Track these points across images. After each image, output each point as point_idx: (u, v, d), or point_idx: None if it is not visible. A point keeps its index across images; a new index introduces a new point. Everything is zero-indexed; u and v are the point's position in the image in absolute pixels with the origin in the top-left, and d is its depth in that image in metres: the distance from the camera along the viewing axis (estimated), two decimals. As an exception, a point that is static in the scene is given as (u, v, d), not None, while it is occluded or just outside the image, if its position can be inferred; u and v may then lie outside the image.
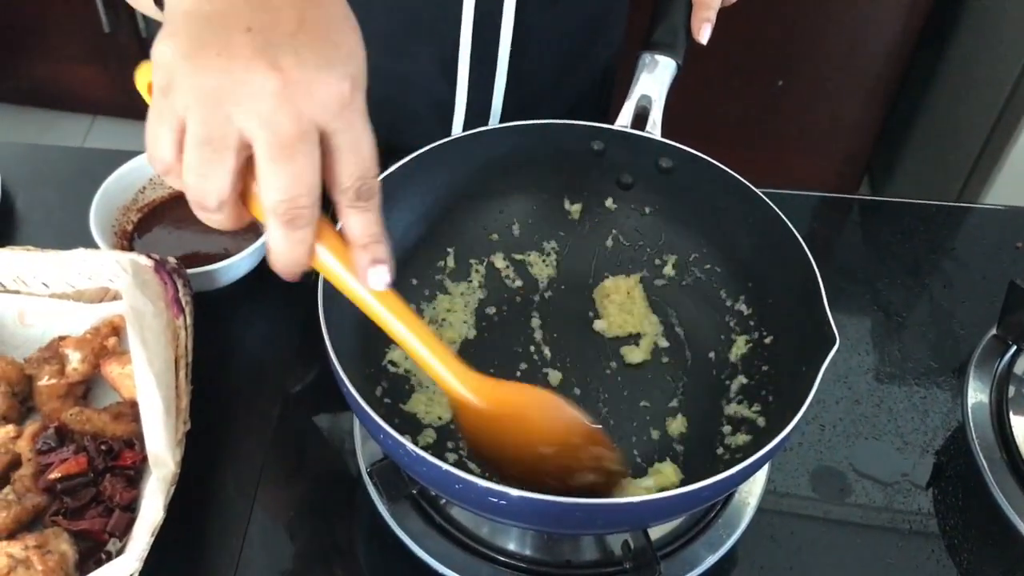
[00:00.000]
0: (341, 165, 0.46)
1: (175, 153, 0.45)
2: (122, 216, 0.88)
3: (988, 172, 1.86)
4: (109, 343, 0.77)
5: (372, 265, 0.49)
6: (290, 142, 0.44)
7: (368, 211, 0.48)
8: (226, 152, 0.44)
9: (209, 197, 0.45)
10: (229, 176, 0.45)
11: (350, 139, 0.46)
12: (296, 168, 0.44)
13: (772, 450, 0.59)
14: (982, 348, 0.86)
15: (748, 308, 0.78)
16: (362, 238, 0.49)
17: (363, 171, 0.47)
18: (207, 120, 0.44)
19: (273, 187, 0.44)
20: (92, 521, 0.67)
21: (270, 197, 0.45)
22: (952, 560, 0.73)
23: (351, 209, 0.48)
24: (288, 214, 0.45)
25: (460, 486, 0.57)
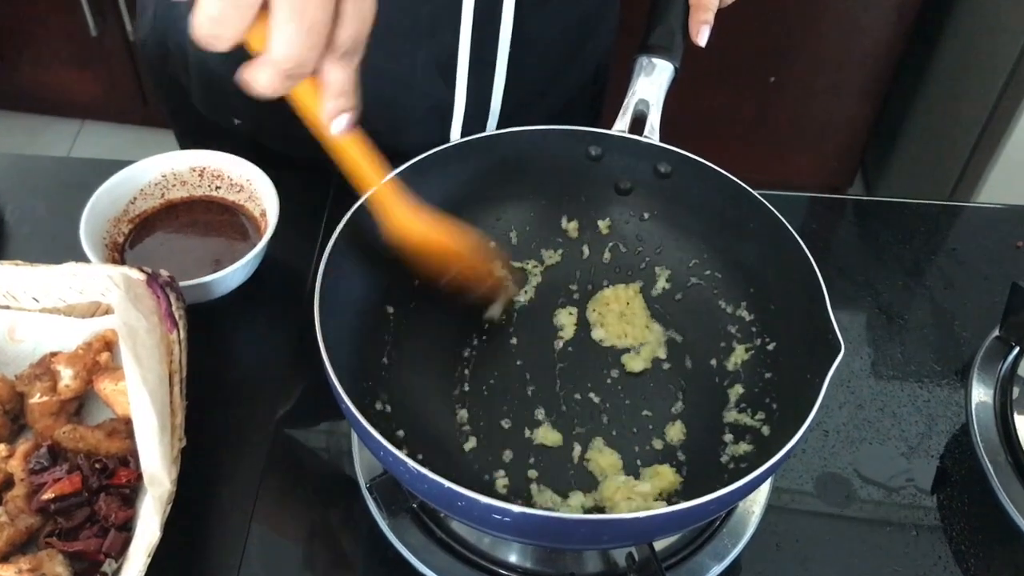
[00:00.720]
0: (343, 28, 0.49)
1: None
2: (113, 228, 0.86)
3: (982, 167, 1.86)
4: (102, 358, 0.76)
5: (338, 114, 0.54)
6: (309, 6, 0.47)
7: (348, 66, 0.52)
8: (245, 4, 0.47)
9: (223, 37, 0.48)
10: (246, 22, 0.48)
11: (358, 5, 0.49)
12: (310, 33, 0.47)
13: (778, 461, 0.59)
14: (985, 350, 0.85)
15: (750, 314, 0.77)
16: (336, 89, 0.53)
17: (358, 33, 0.50)
18: None
19: (284, 46, 0.47)
20: (87, 542, 0.66)
21: (278, 53, 0.48)
22: (959, 566, 0.73)
23: (335, 64, 0.51)
24: (290, 71, 0.49)
25: (463, 503, 0.56)
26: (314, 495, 0.76)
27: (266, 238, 0.83)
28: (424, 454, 0.70)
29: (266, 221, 0.86)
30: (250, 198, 0.89)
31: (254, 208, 0.89)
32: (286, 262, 0.89)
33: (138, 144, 2.35)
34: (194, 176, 0.90)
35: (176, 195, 0.90)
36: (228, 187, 0.90)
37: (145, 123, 2.37)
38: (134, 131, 2.42)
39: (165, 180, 0.89)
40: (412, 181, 0.74)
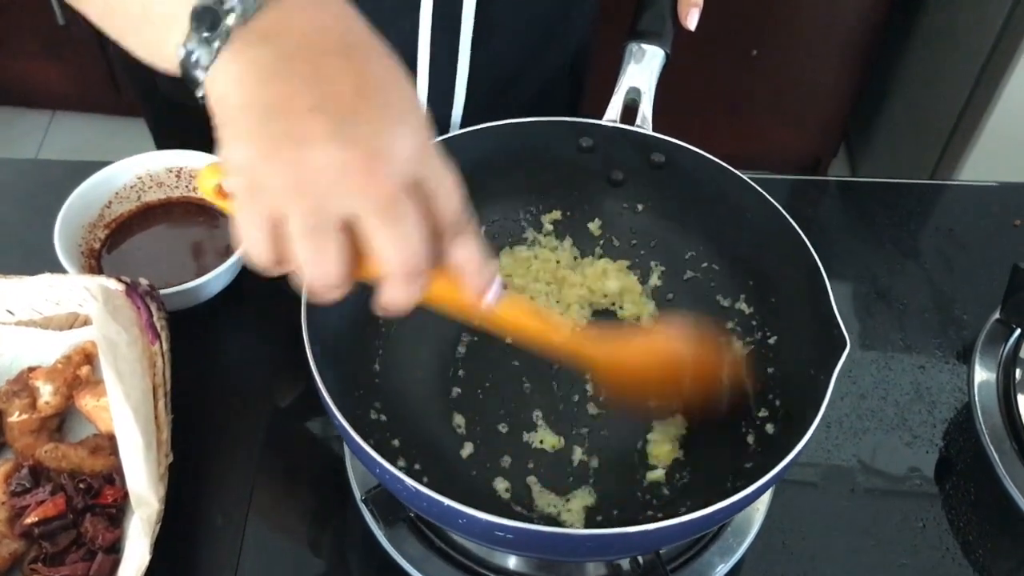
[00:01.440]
0: (437, 207, 0.46)
1: (275, 250, 0.45)
2: (89, 233, 0.83)
3: (968, 136, 1.85)
4: (82, 372, 0.73)
5: (486, 287, 0.51)
6: (391, 208, 0.43)
7: (469, 239, 0.48)
8: (332, 237, 0.44)
9: (330, 280, 0.45)
10: (343, 258, 0.44)
11: (437, 181, 0.46)
12: (405, 229, 0.44)
13: (789, 464, 0.57)
14: (986, 333, 0.84)
15: (749, 307, 0.75)
16: (472, 265, 0.49)
17: (456, 205, 0.47)
18: (305, 212, 0.43)
19: (391, 253, 0.44)
20: (74, 567, 0.64)
21: (390, 263, 0.45)
22: (967, 558, 0.72)
23: (455, 243, 0.48)
24: (409, 274, 0.45)
25: (464, 521, 0.54)
26: (307, 506, 0.74)
27: (248, 241, 0.80)
28: (421, 463, 0.68)
29: (247, 222, 0.83)
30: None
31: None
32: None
33: (112, 134, 2.30)
34: (171, 177, 0.87)
35: (153, 197, 0.87)
36: (207, 187, 0.87)
37: (118, 113, 2.32)
38: (107, 121, 2.36)
39: (141, 182, 0.86)
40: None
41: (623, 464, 0.71)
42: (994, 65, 1.75)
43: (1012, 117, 1.77)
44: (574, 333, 0.63)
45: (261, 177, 0.43)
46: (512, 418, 0.72)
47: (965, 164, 1.87)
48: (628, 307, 0.78)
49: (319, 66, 0.44)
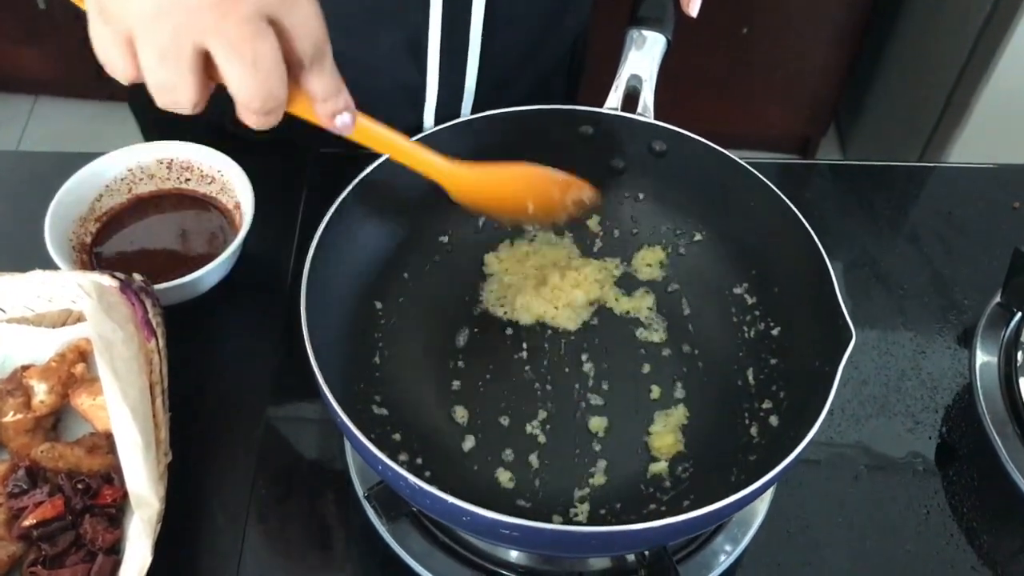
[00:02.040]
0: (296, 41, 0.48)
1: (133, 66, 0.47)
2: (80, 228, 0.82)
3: (959, 113, 1.84)
4: (77, 370, 0.72)
5: (335, 115, 0.53)
6: (245, 44, 0.45)
7: (323, 72, 0.51)
8: (185, 65, 0.46)
9: (181, 105, 0.48)
10: (195, 82, 0.47)
11: (297, 16, 0.47)
12: (260, 66, 0.46)
13: (791, 463, 0.56)
14: (987, 317, 0.84)
15: (752, 297, 0.74)
16: (323, 95, 0.52)
17: (316, 39, 0.49)
18: (156, 39, 0.45)
19: (243, 88, 0.47)
20: (74, 569, 0.63)
21: (242, 97, 0.47)
22: (971, 544, 0.71)
23: (310, 75, 0.50)
24: (263, 108, 0.48)
25: (468, 518, 0.54)
26: (308, 503, 0.73)
27: (243, 232, 0.79)
28: (423, 457, 0.67)
29: (240, 213, 0.82)
30: (222, 190, 0.85)
31: (227, 200, 0.85)
32: (263, 253, 0.85)
33: (95, 119, 2.27)
34: (162, 169, 0.85)
35: (144, 189, 0.86)
36: (198, 179, 0.85)
37: (101, 98, 2.29)
38: (90, 106, 2.34)
39: (131, 175, 0.85)
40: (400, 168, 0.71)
41: (626, 456, 0.70)
42: (984, 45, 1.75)
43: (1002, 98, 1.76)
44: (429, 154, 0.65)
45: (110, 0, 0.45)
46: (513, 410, 0.72)
47: (955, 144, 1.87)
48: (623, 301, 0.78)
49: None
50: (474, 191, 0.69)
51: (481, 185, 0.69)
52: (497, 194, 0.70)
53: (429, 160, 0.66)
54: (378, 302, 0.73)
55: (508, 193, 0.71)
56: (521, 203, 0.71)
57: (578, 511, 0.66)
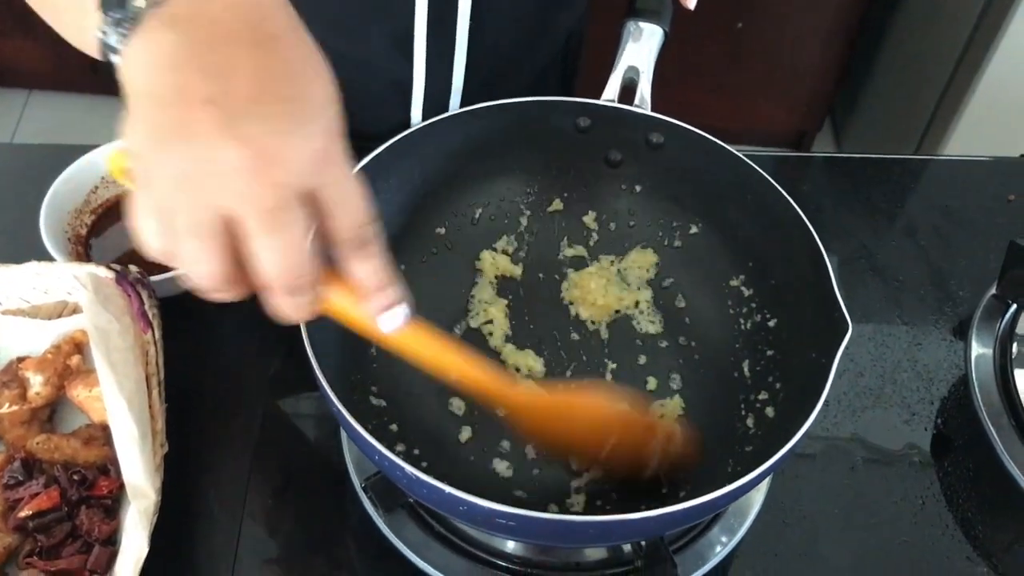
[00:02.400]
0: (335, 220, 0.44)
1: (167, 240, 0.43)
2: (75, 220, 0.82)
3: (954, 107, 1.84)
4: (72, 362, 0.71)
5: (383, 311, 0.49)
6: (274, 214, 0.41)
7: (371, 257, 0.46)
8: (213, 237, 0.42)
9: (211, 281, 0.43)
10: (223, 259, 0.42)
11: (337, 192, 0.43)
12: (286, 239, 0.42)
13: (786, 454, 0.56)
14: (983, 309, 0.84)
15: (749, 289, 0.74)
16: (370, 285, 0.47)
17: (357, 220, 0.45)
18: (187, 208, 0.41)
19: (268, 262, 0.42)
20: (70, 560, 0.63)
21: (267, 272, 0.42)
22: (966, 535, 0.72)
23: (354, 259, 0.46)
24: (289, 285, 0.43)
25: (465, 508, 0.53)
26: (305, 494, 0.73)
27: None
28: (420, 448, 0.67)
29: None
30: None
31: (223, 192, 0.84)
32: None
33: (89, 112, 2.26)
34: (158, 160, 0.85)
35: (140, 181, 0.85)
36: (195, 170, 0.85)
37: (95, 91, 2.28)
38: (85, 100, 2.33)
39: (127, 166, 0.84)
40: (393, 159, 0.71)
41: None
42: (979, 39, 1.75)
43: (997, 91, 1.76)
44: (485, 374, 0.58)
45: (150, 165, 0.42)
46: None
47: (950, 139, 1.87)
48: (622, 295, 0.78)
49: (224, 55, 0.41)
50: (540, 420, 0.62)
51: (546, 412, 0.62)
52: (565, 427, 0.63)
53: (486, 379, 0.58)
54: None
55: (579, 427, 0.64)
56: (596, 442, 0.64)
57: (574, 501, 0.66)
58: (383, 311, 0.49)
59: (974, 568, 0.70)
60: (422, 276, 0.76)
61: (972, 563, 0.70)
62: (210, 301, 0.46)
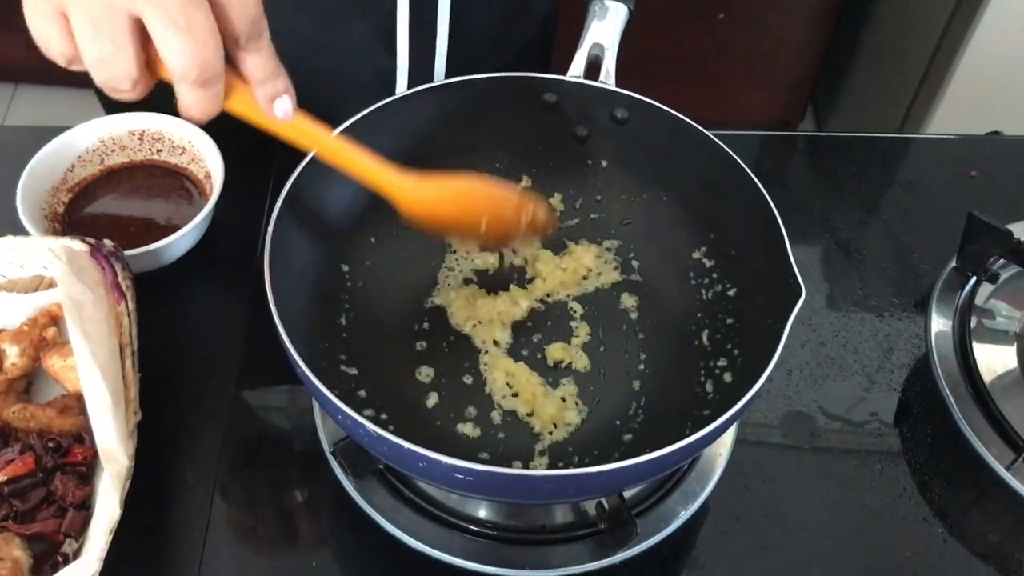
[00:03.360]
0: (229, 17, 0.47)
1: (70, 44, 0.46)
2: (52, 197, 0.83)
3: (931, 96, 1.87)
4: (48, 334, 0.73)
5: (274, 99, 0.52)
6: (179, 14, 0.44)
7: (259, 51, 0.50)
8: (120, 36, 0.45)
9: (119, 80, 0.47)
10: (132, 57, 0.46)
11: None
12: (195, 34, 0.45)
13: (739, 410, 0.58)
14: (943, 281, 0.86)
15: (710, 260, 0.76)
16: (260, 76, 0.51)
17: (250, 17, 0.48)
18: (89, 10, 0.44)
19: (178, 57, 0.46)
20: (45, 523, 0.64)
21: (177, 66, 0.46)
22: (924, 497, 0.74)
23: (245, 52, 0.50)
24: (200, 78, 0.47)
25: (424, 464, 0.55)
26: (278, 461, 0.74)
27: (212, 201, 0.80)
28: (387, 412, 0.69)
29: (211, 183, 0.83)
30: (193, 160, 0.86)
31: (198, 170, 0.86)
32: (235, 223, 0.87)
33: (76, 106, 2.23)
34: (133, 140, 0.87)
35: (116, 160, 0.87)
36: (170, 150, 0.87)
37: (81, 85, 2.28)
38: (71, 94, 2.32)
39: (103, 146, 0.86)
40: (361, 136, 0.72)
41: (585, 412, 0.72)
42: (956, 26, 1.77)
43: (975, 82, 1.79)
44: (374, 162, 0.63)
45: None
46: (476, 370, 0.73)
47: (930, 124, 1.89)
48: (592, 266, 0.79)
49: None
50: (424, 205, 0.66)
51: (432, 199, 0.66)
52: (449, 210, 0.67)
53: (375, 168, 0.63)
54: (345, 265, 0.75)
55: (460, 209, 0.68)
56: (474, 221, 0.68)
57: (538, 463, 0.68)
58: (273, 98, 0.52)
59: (931, 529, 0.72)
60: (394, 249, 0.77)
61: (929, 524, 0.72)
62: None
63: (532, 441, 0.70)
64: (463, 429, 0.69)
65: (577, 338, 0.76)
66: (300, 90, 0.54)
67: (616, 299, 0.78)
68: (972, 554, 0.71)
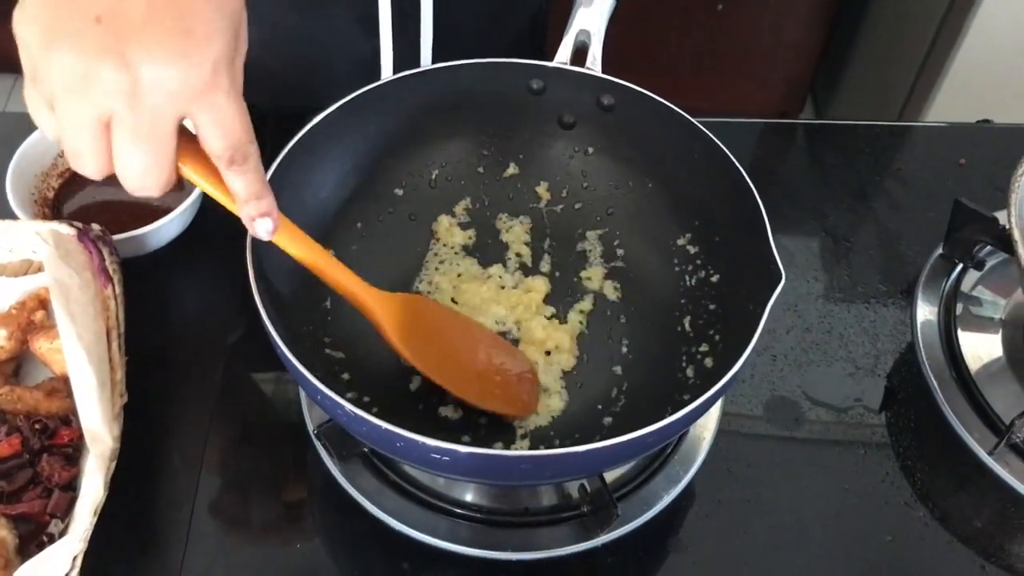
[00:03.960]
0: (209, 140, 0.48)
1: (58, 130, 0.48)
2: (42, 183, 0.83)
3: (929, 88, 1.86)
4: (36, 317, 0.74)
5: (256, 219, 0.54)
6: (142, 134, 0.46)
7: (245, 173, 0.51)
8: (92, 136, 0.46)
9: (88, 170, 0.49)
10: (99, 154, 0.47)
11: (212, 118, 0.47)
12: (151, 155, 0.47)
13: (715, 395, 0.58)
14: (929, 268, 0.86)
15: (694, 247, 0.76)
16: (244, 196, 0.52)
17: (232, 142, 0.49)
18: (71, 109, 0.45)
19: (131, 170, 0.47)
20: (31, 504, 0.65)
21: (125, 178, 0.48)
22: (907, 481, 0.74)
23: (228, 173, 0.51)
24: (140, 190, 0.49)
25: (402, 444, 0.55)
26: (264, 445, 0.75)
27: (201, 187, 0.80)
28: (370, 396, 0.69)
29: (201, 169, 0.83)
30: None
31: (188, 157, 0.86)
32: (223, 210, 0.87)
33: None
34: (124, 126, 0.87)
35: (106, 146, 0.87)
36: (160, 136, 0.87)
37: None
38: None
39: (94, 131, 0.86)
40: (350, 118, 0.73)
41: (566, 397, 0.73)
42: (954, 17, 1.77)
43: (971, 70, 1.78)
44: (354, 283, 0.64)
45: (39, 64, 0.45)
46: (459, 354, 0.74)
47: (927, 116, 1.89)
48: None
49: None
50: (409, 334, 0.66)
51: (417, 328, 0.67)
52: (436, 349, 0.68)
53: (358, 287, 0.64)
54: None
55: (449, 351, 0.69)
56: (463, 368, 0.69)
57: (519, 447, 0.68)
58: (253, 220, 0.54)
59: (912, 512, 0.72)
60: (378, 235, 0.78)
61: (910, 508, 0.72)
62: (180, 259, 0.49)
63: (514, 425, 0.70)
64: (445, 412, 0.70)
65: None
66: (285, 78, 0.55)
67: (600, 286, 0.78)
68: (954, 538, 0.71)
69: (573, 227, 0.81)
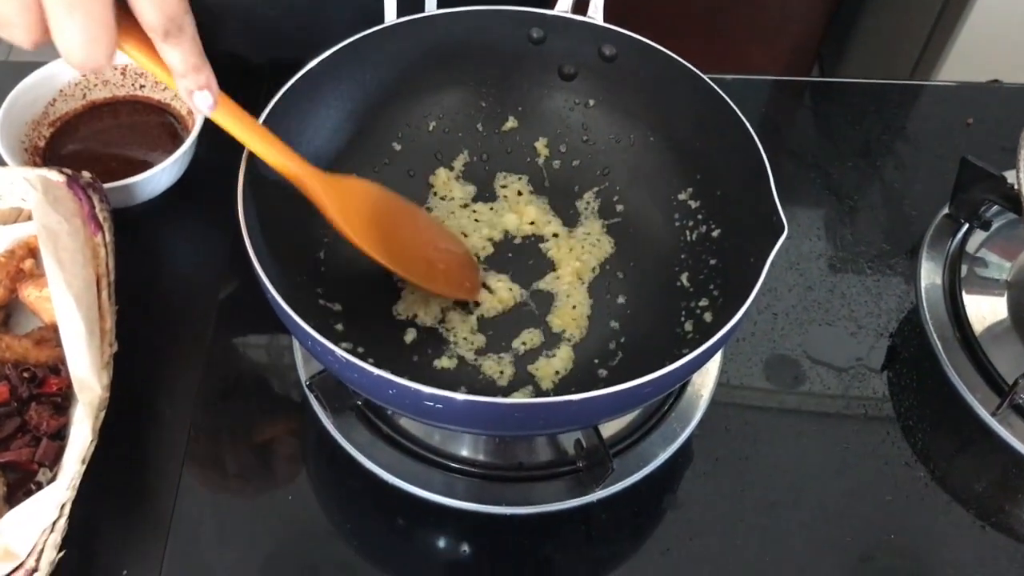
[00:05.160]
0: (143, 12, 0.48)
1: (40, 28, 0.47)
2: (32, 131, 0.82)
3: (937, 54, 1.84)
4: (25, 265, 0.72)
5: (195, 91, 0.53)
6: (76, 4, 0.45)
7: (180, 45, 0.50)
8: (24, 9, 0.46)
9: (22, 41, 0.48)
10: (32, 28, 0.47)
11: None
12: (83, 25, 0.46)
13: (714, 345, 0.57)
14: (934, 228, 0.85)
15: (695, 201, 0.74)
16: (181, 69, 0.52)
17: (167, 13, 0.48)
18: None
19: (66, 41, 0.47)
20: (19, 452, 0.64)
21: (62, 51, 0.47)
22: (907, 441, 0.73)
23: (164, 46, 0.50)
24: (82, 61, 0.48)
25: (394, 391, 0.54)
26: (257, 397, 0.74)
27: (193, 135, 0.79)
28: (364, 346, 0.68)
29: (194, 119, 0.82)
30: (176, 96, 0.85)
31: (181, 106, 0.85)
32: (217, 161, 0.85)
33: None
34: (116, 75, 0.85)
35: (99, 95, 0.86)
36: (152, 85, 0.86)
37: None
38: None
39: (86, 80, 0.85)
40: (346, 65, 0.71)
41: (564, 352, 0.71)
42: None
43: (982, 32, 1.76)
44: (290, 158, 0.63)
45: None
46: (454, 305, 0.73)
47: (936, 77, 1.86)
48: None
49: None
50: (349, 209, 0.66)
51: (357, 204, 0.66)
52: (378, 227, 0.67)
53: (296, 164, 0.63)
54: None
55: (396, 235, 0.68)
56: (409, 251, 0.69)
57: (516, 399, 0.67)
58: (192, 93, 0.53)
59: (913, 472, 0.71)
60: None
61: (911, 468, 0.71)
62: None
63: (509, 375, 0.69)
64: (440, 364, 0.69)
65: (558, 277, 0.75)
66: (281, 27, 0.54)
67: (598, 239, 0.77)
68: (953, 499, 0.70)
69: (572, 183, 0.80)
